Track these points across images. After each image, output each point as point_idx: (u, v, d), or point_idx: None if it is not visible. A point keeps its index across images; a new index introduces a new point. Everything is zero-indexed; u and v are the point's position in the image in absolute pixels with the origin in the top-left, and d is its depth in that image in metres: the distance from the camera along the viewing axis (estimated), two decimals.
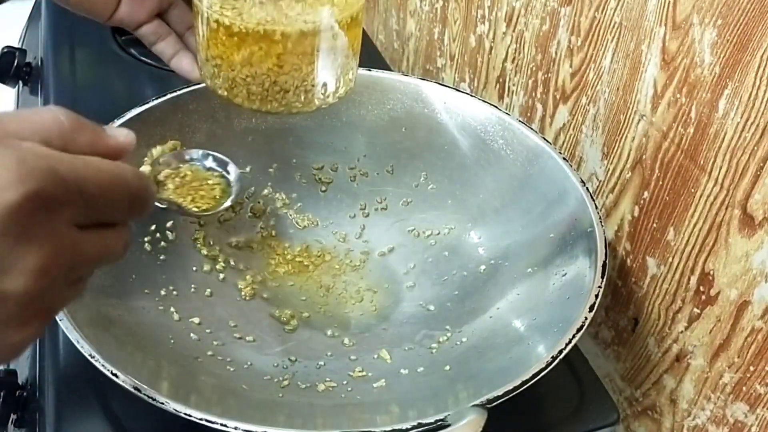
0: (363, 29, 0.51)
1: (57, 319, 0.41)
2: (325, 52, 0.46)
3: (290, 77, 0.45)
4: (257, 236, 0.59)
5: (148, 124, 0.56)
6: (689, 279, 0.49)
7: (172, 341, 0.47)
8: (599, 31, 0.55)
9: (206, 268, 0.55)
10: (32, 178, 0.26)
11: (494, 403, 0.39)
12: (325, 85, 0.47)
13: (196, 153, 0.45)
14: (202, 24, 0.45)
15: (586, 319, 0.44)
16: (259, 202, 0.60)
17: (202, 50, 0.47)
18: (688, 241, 0.49)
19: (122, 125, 0.54)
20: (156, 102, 0.56)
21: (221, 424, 0.37)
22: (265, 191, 0.61)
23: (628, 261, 0.55)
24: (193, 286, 0.53)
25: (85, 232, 0.29)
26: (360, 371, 0.48)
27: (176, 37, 0.48)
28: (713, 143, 0.45)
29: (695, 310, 0.49)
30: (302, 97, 0.47)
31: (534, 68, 0.65)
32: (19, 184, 0.26)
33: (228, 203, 0.44)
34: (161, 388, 0.40)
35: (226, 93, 0.47)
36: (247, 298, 0.54)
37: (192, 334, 0.48)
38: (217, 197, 0.44)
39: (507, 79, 0.70)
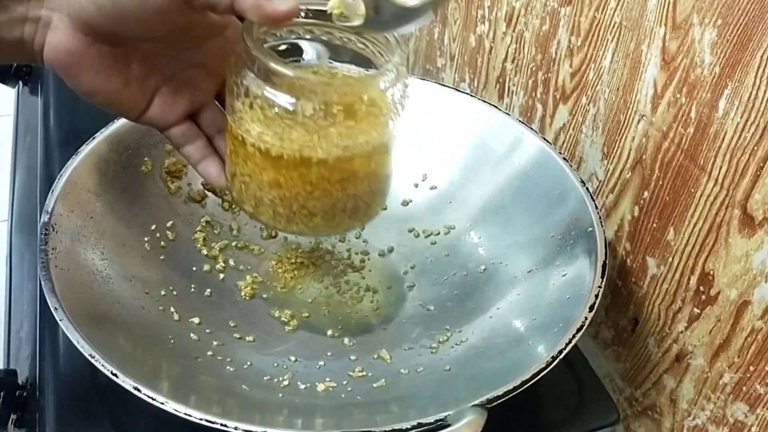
0: None
1: (57, 319, 0.41)
2: (360, 180, 0.43)
3: (320, 202, 0.43)
4: (257, 236, 0.59)
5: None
6: (689, 279, 0.49)
7: (172, 341, 0.47)
8: (599, 31, 0.55)
9: (206, 268, 0.55)
10: None
11: (494, 403, 0.39)
12: (356, 210, 0.44)
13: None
14: (231, 140, 0.42)
15: (586, 319, 0.44)
16: None
17: (229, 163, 0.44)
18: (688, 241, 0.49)
19: (123, 125, 0.54)
20: None
21: (221, 425, 0.37)
22: None
23: (628, 261, 0.55)
24: (193, 286, 0.53)
25: None
26: (360, 371, 0.48)
27: (205, 141, 0.45)
28: (713, 143, 0.45)
29: (695, 310, 0.49)
30: (330, 222, 0.44)
31: (534, 68, 0.65)
32: None
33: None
34: (161, 388, 0.40)
35: (251, 210, 0.44)
36: (247, 298, 0.54)
37: (192, 334, 0.48)
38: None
39: (507, 79, 0.70)
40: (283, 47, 0.43)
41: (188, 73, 0.43)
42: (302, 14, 0.42)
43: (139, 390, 0.38)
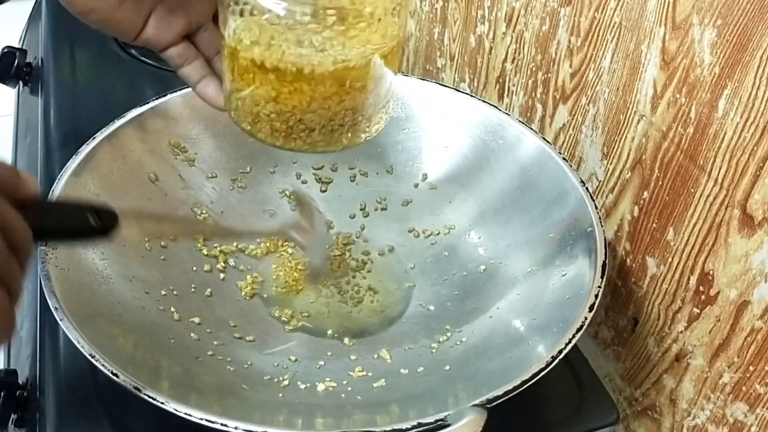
0: None
1: (57, 318, 0.41)
2: (357, 92, 0.41)
3: (317, 116, 0.41)
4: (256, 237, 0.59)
5: (148, 124, 0.56)
6: (689, 279, 0.49)
7: (172, 341, 0.47)
8: (599, 31, 0.55)
9: (206, 268, 0.55)
10: None
11: (494, 403, 0.39)
12: (354, 124, 0.43)
13: None
14: (227, 54, 0.42)
15: (585, 319, 0.44)
16: None
17: (226, 81, 0.44)
18: (687, 241, 0.49)
19: (123, 125, 0.54)
20: (156, 102, 0.56)
21: (221, 424, 0.37)
22: (266, 191, 0.61)
23: (628, 261, 0.55)
24: (193, 286, 0.53)
25: None
26: (360, 371, 0.48)
27: (203, 61, 0.45)
28: (713, 143, 0.45)
29: (695, 310, 0.49)
30: (329, 137, 0.43)
31: (534, 68, 0.65)
32: None
33: None
34: (161, 387, 0.40)
35: (249, 127, 0.43)
36: (247, 298, 0.54)
37: (192, 334, 0.48)
38: None
39: (507, 80, 0.70)
40: None
41: None
42: None
43: (139, 390, 0.38)
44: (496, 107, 0.59)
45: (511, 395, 0.40)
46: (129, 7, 0.41)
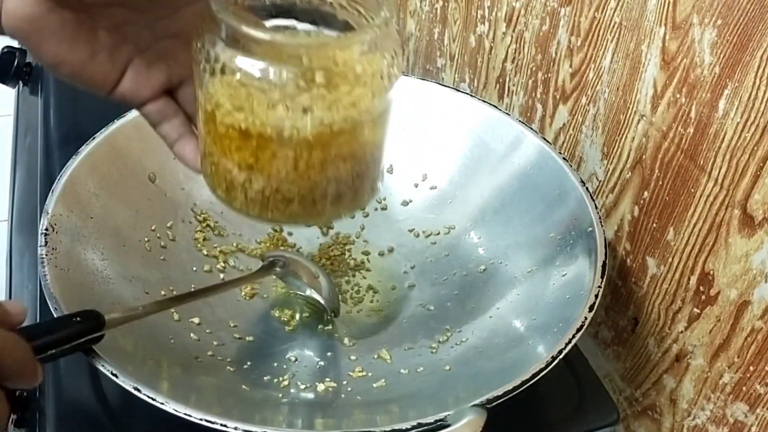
0: None
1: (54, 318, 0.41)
2: (341, 161, 0.37)
3: (296, 186, 0.37)
4: (257, 237, 0.59)
5: (147, 125, 0.56)
6: (689, 279, 0.49)
7: (172, 341, 0.47)
8: (599, 31, 0.55)
9: (206, 268, 0.55)
10: None
11: (494, 403, 0.39)
12: (338, 196, 0.39)
13: None
14: (200, 115, 0.38)
15: (585, 319, 0.44)
16: None
17: (201, 142, 0.39)
18: (688, 241, 0.49)
19: (123, 125, 0.54)
20: None
21: (221, 425, 0.37)
22: None
23: (628, 261, 0.55)
24: (193, 286, 0.53)
25: None
26: (360, 371, 0.48)
27: (183, 118, 0.41)
28: (713, 143, 0.45)
29: (695, 310, 0.49)
30: (309, 209, 0.39)
31: (534, 68, 0.65)
32: None
33: None
34: (161, 388, 0.40)
35: (223, 195, 0.39)
36: (247, 298, 0.54)
37: (192, 334, 0.48)
38: None
39: (507, 79, 0.70)
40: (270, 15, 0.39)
41: (164, 43, 0.39)
42: None
43: (139, 390, 0.38)
44: (496, 107, 0.59)
45: (511, 395, 0.40)
46: (103, 59, 0.37)
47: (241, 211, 0.40)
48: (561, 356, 0.42)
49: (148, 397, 0.38)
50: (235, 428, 0.37)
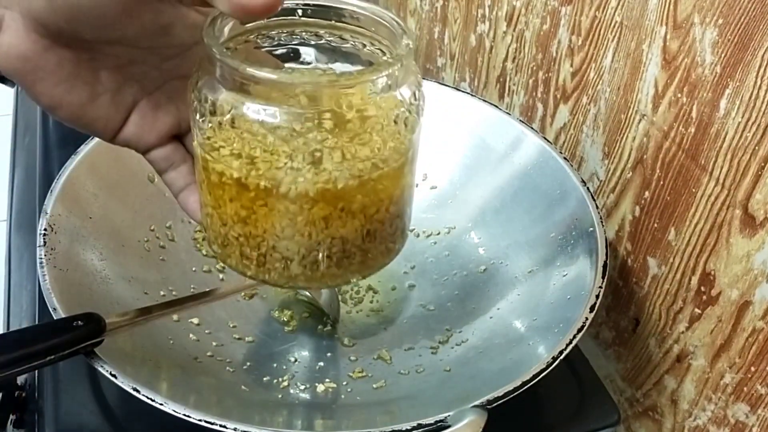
0: None
1: (55, 319, 0.41)
2: (349, 218, 0.33)
3: (294, 244, 0.33)
4: None
5: None
6: (690, 279, 0.49)
7: (171, 342, 0.47)
8: (600, 30, 0.54)
9: (205, 268, 0.54)
10: None
11: (494, 404, 0.39)
12: (345, 257, 0.34)
13: None
14: (196, 162, 0.35)
15: (586, 319, 0.43)
16: None
17: (199, 192, 0.36)
18: (689, 241, 0.48)
19: None
20: None
21: (220, 425, 0.37)
22: None
23: (629, 261, 0.55)
24: (192, 286, 0.52)
25: None
26: (360, 372, 0.48)
27: (192, 166, 0.38)
28: (714, 143, 0.45)
29: (696, 310, 0.49)
30: (311, 272, 0.35)
31: (534, 68, 0.64)
32: None
33: None
34: (160, 388, 0.40)
35: (219, 250, 0.36)
36: (247, 298, 0.54)
37: (191, 335, 0.48)
38: None
39: (507, 79, 0.70)
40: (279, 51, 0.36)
41: (172, 85, 0.36)
42: (299, 12, 0.36)
43: (138, 391, 0.38)
44: (496, 107, 0.59)
45: (511, 396, 0.39)
46: (105, 102, 0.34)
47: (237, 270, 0.36)
48: (562, 357, 0.41)
49: (147, 397, 0.38)
50: (235, 429, 0.37)
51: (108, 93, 0.34)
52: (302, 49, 0.37)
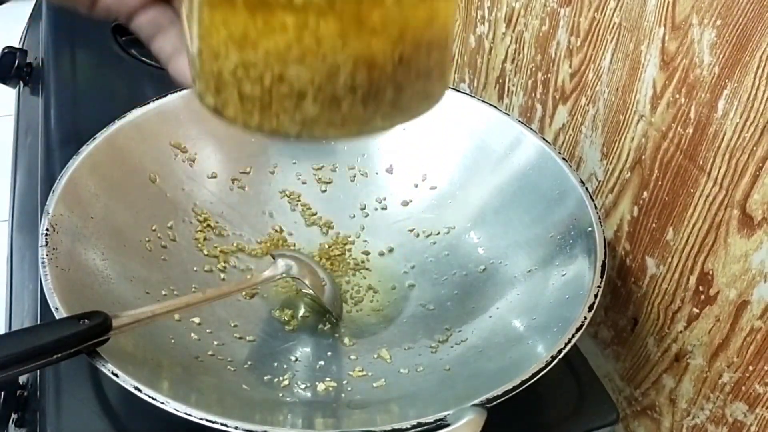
0: None
1: (57, 318, 0.41)
2: (380, 33, 0.26)
3: (308, 69, 0.26)
4: (257, 236, 0.59)
5: (149, 124, 0.56)
6: (688, 279, 0.49)
7: (173, 341, 0.47)
8: (599, 31, 0.55)
9: (206, 268, 0.55)
10: None
11: (494, 403, 0.39)
12: (377, 92, 0.27)
13: None
14: None
15: (585, 318, 0.44)
16: None
17: (183, 27, 0.30)
18: (687, 241, 0.49)
19: (123, 125, 0.55)
20: (157, 102, 0.56)
21: (221, 424, 0.37)
22: (266, 191, 0.61)
23: (628, 261, 0.55)
24: (193, 286, 0.53)
25: None
26: (360, 371, 0.49)
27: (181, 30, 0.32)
28: (712, 143, 0.45)
29: (694, 309, 0.49)
30: (330, 111, 0.27)
31: (533, 69, 0.65)
32: None
33: None
34: (161, 387, 0.40)
35: (213, 100, 0.29)
36: (248, 298, 0.54)
37: (192, 334, 0.48)
38: None
39: (506, 80, 0.70)
40: None
41: None
42: None
43: (139, 390, 0.38)
44: (495, 107, 0.59)
45: (510, 395, 0.40)
46: None
47: (237, 120, 0.29)
48: (560, 356, 0.42)
49: (149, 396, 0.38)
50: (236, 428, 0.37)
51: None
52: None
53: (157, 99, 0.57)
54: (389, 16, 0.26)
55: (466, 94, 0.61)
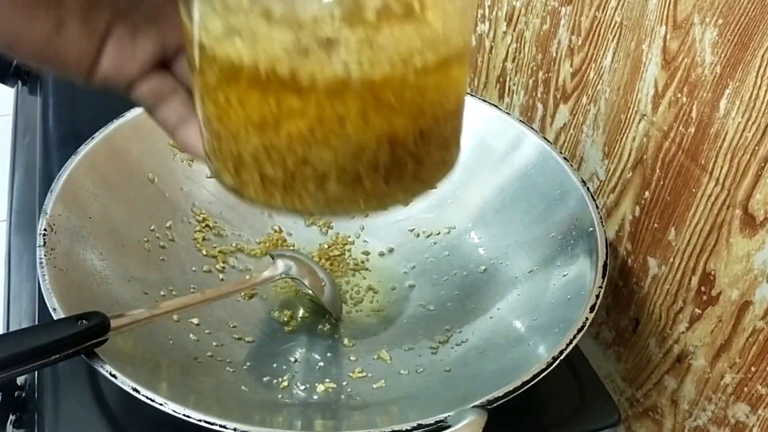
0: None
1: (55, 319, 0.41)
2: (399, 109, 0.26)
3: (331, 151, 0.26)
4: (257, 237, 0.59)
5: (147, 124, 0.56)
6: (690, 279, 0.49)
7: (171, 342, 0.47)
8: (600, 30, 0.54)
9: (205, 268, 0.54)
10: None
11: (495, 404, 0.39)
12: (399, 167, 0.27)
13: None
14: (193, 54, 0.28)
15: (587, 319, 0.43)
16: None
17: (198, 111, 0.29)
18: (689, 241, 0.48)
19: (122, 125, 0.54)
20: None
21: (220, 426, 0.37)
22: None
23: (629, 261, 0.55)
24: (192, 286, 0.52)
25: None
26: (360, 372, 0.48)
27: (185, 97, 0.31)
28: (714, 143, 0.45)
29: (696, 310, 0.49)
30: (353, 189, 0.28)
31: (534, 68, 0.64)
32: None
33: None
34: (160, 389, 0.39)
35: (231, 180, 0.28)
36: (247, 298, 0.54)
37: (191, 335, 0.48)
38: None
39: (507, 79, 0.70)
40: None
41: (152, 1, 0.30)
42: None
43: (137, 391, 0.38)
44: (496, 107, 0.59)
45: (511, 396, 0.39)
46: (74, 31, 0.28)
47: (258, 200, 0.28)
48: (562, 357, 0.41)
49: (147, 398, 0.38)
50: (234, 429, 0.37)
51: (75, 19, 0.28)
52: None
53: None
54: (412, 93, 0.26)
55: (467, 93, 0.61)
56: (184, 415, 0.37)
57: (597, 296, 0.45)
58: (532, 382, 0.40)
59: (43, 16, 0.27)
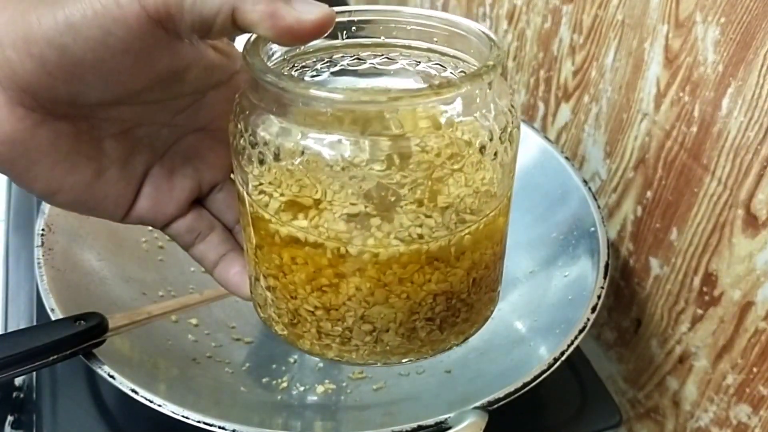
0: None
1: (53, 319, 0.41)
2: (454, 269, 0.27)
3: (388, 309, 0.27)
4: None
5: None
6: (692, 280, 0.49)
7: (170, 343, 0.47)
8: (601, 28, 0.54)
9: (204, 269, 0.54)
10: None
11: (495, 406, 0.39)
12: (451, 316, 0.29)
13: None
14: (246, 221, 0.29)
15: (588, 320, 0.43)
16: None
17: (248, 260, 0.30)
18: (691, 241, 0.48)
19: None
20: None
21: (219, 427, 0.37)
22: None
23: (631, 261, 0.55)
24: (191, 287, 0.52)
25: None
26: (359, 373, 0.48)
27: (222, 233, 0.32)
28: (717, 142, 0.45)
29: (698, 311, 0.48)
30: (409, 341, 0.29)
31: (536, 66, 0.64)
32: None
33: None
34: (158, 389, 0.39)
35: (285, 331, 0.30)
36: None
37: (189, 336, 0.48)
38: None
39: (508, 78, 0.69)
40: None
41: (188, 142, 0.31)
42: (343, 31, 0.29)
43: (136, 392, 0.38)
44: None
45: (512, 397, 0.39)
46: (113, 177, 0.28)
47: (313, 352, 0.29)
48: (563, 358, 0.41)
49: (146, 399, 0.38)
50: (233, 431, 0.37)
51: (115, 166, 0.29)
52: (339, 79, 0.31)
53: None
54: (467, 251, 0.27)
55: None
56: (183, 416, 0.37)
57: (598, 297, 0.45)
58: (533, 383, 0.40)
59: (83, 165, 0.28)
